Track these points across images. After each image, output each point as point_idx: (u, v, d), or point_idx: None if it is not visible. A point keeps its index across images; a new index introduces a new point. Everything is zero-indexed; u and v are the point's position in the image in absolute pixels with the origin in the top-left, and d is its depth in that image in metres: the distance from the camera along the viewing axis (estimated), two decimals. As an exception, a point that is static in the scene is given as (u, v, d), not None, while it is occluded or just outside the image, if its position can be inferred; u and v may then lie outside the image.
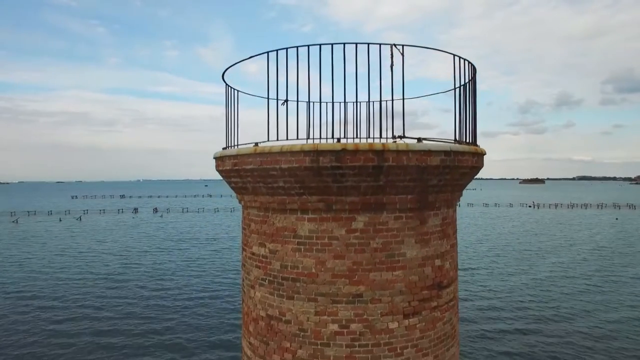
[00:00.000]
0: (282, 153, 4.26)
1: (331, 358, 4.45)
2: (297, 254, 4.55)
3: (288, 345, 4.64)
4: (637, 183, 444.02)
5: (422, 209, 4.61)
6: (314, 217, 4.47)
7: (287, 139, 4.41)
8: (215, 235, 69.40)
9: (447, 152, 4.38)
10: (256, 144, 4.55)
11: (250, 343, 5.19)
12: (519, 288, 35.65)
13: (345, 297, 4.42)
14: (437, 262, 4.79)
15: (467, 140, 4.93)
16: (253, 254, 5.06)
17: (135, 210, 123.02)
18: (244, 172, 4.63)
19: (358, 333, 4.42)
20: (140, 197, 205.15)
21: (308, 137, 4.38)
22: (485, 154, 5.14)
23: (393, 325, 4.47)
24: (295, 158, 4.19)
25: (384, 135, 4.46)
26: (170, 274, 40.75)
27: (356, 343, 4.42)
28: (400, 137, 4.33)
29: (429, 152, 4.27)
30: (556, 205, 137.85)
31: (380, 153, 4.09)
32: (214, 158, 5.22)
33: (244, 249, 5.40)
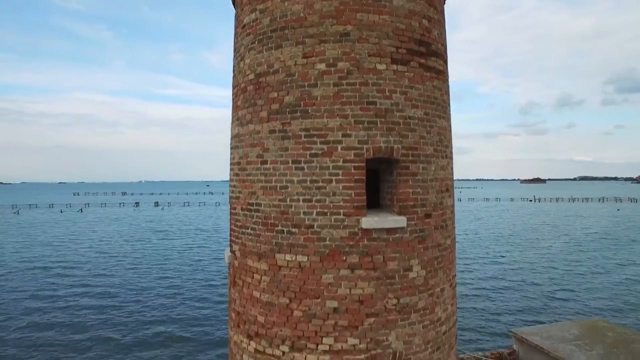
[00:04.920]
0: None
1: (318, 98, 4.51)
2: (286, 2, 4.63)
3: (275, 95, 4.70)
4: (638, 182, 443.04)
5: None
6: (302, -41, 4.54)
7: None
8: (214, 226, 69.34)
9: None
10: None
11: (238, 118, 5.25)
12: (521, 273, 35.47)
13: (333, 37, 4.48)
14: (425, 22, 4.85)
15: None
16: (244, 26, 5.13)
17: (137, 204, 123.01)
18: None
19: (346, 71, 4.47)
20: (141, 194, 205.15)
21: None
22: None
23: (381, 66, 4.53)
24: None
25: None
26: (167, 263, 40.68)
27: (344, 81, 4.48)
28: None
29: None
30: (557, 199, 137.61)
31: None
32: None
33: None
